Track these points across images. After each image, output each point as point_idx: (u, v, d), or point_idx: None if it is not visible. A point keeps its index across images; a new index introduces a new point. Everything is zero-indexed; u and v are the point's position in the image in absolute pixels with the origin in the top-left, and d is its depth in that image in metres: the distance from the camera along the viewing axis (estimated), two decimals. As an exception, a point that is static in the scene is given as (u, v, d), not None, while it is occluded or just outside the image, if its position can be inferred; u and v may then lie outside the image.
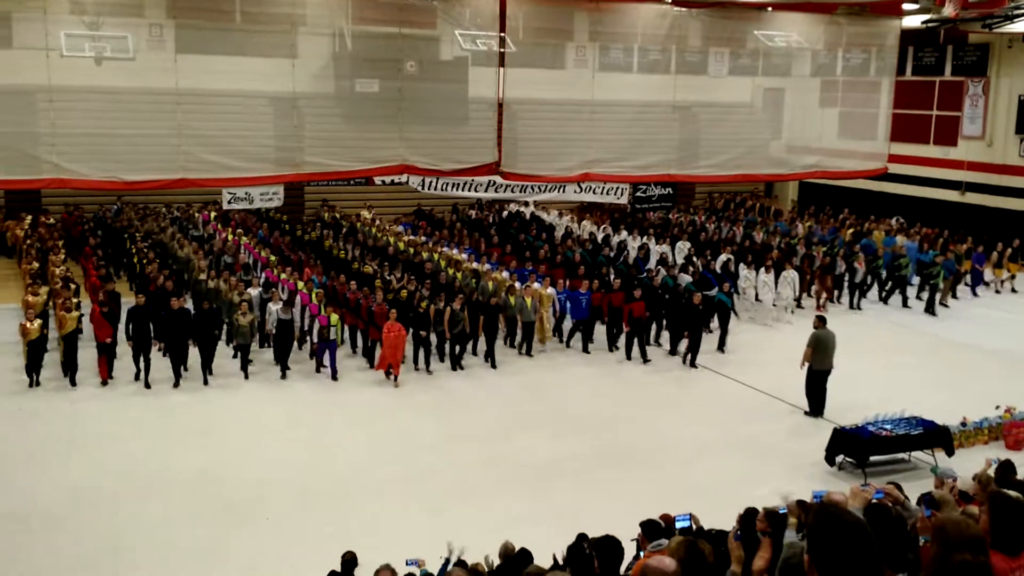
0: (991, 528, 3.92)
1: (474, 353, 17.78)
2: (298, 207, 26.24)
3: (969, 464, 10.63)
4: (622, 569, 6.06)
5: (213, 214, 24.99)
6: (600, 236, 24.88)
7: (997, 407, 14.23)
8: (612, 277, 20.26)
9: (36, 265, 19.87)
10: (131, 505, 11.45)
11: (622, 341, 18.25)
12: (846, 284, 22.36)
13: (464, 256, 21.08)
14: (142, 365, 15.80)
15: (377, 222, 25.44)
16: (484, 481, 12.51)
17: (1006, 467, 8.70)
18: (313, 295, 16.93)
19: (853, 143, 21.78)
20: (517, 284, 18.29)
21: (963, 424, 13.76)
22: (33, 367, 15.58)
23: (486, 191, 19.28)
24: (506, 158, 18.01)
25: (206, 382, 15.96)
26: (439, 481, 12.46)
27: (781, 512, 6.33)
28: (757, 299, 20.70)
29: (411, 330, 16.86)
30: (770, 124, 21.59)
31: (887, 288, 22.61)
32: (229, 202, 17.03)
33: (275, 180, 16.83)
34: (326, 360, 16.62)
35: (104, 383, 15.76)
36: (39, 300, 16.80)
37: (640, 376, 17.26)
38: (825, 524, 2.94)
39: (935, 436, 12.99)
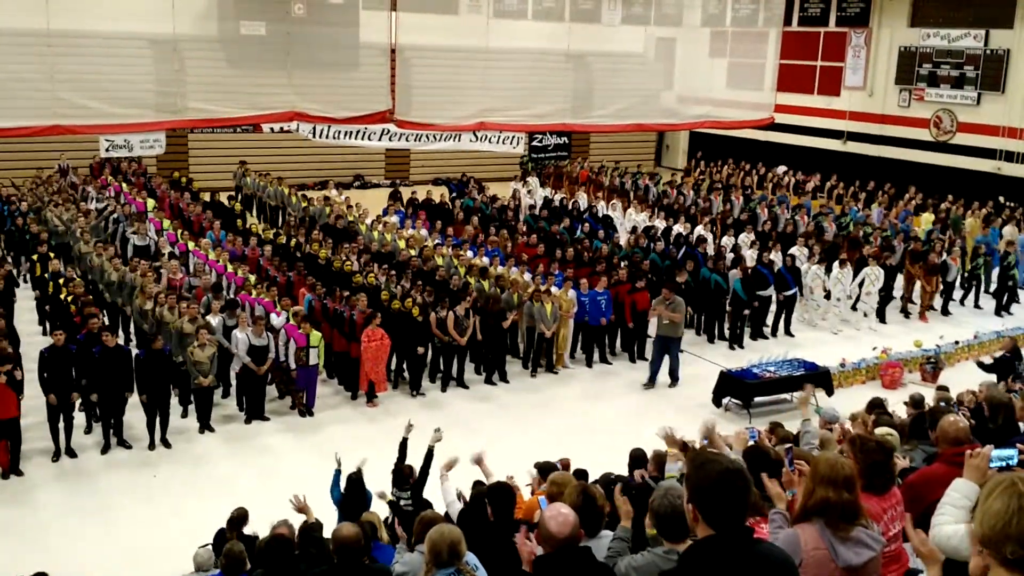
0: (859, 471, 4.10)
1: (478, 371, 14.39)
2: (181, 157, 25.31)
3: (848, 403, 11.15)
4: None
5: (151, 203, 18.78)
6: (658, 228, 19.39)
7: (874, 348, 14.90)
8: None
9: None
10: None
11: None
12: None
13: (486, 260, 16.33)
14: (62, 429, 11.17)
15: (361, 212, 18.84)
16: (369, 431, 12.39)
17: (875, 404, 9.14)
18: (290, 315, 13.01)
19: (741, 93, 22.23)
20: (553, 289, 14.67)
21: (842, 365, 14.37)
22: None
23: (379, 140, 18.95)
24: (400, 106, 17.72)
25: (153, 445, 11.61)
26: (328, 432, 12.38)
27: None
28: (826, 298, 17.02)
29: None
30: (662, 74, 21.83)
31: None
32: (107, 150, 16.26)
33: (155, 127, 16.19)
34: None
35: (5, 475, 10.77)
36: None
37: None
38: (704, 469, 3.00)
39: (816, 377, 13.51)
